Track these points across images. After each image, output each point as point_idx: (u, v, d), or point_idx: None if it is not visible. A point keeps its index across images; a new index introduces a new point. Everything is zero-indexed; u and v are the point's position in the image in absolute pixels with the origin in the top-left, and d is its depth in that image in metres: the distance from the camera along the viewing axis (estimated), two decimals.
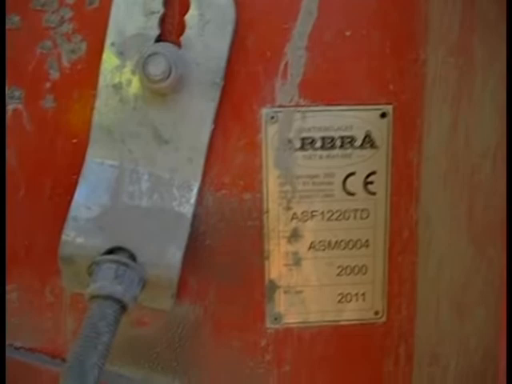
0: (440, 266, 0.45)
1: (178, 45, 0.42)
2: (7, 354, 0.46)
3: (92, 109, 0.44)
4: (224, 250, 0.48)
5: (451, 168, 0.43)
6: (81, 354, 0.38)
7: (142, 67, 0.39)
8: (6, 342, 0.49)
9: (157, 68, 0.39)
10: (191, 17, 0.42)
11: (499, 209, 0.38)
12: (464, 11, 0.40)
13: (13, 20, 0.43)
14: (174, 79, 0.40)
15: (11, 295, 0.47)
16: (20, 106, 0.44)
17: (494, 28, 0.37)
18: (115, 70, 0.43)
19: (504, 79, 0.36)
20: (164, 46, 0.41)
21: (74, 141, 0.44)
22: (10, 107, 0.44)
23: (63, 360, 0.49)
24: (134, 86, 0.43)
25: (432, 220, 0.46)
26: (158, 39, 0.42)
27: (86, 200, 0.44)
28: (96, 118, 0.44)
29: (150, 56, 0.39)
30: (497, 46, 0.37)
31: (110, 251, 0.43)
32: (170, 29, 0.42)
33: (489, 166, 0.41)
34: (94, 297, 0.40)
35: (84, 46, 0.43)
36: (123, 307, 0.41)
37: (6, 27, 0.43)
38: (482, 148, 0.40)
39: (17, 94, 0.44)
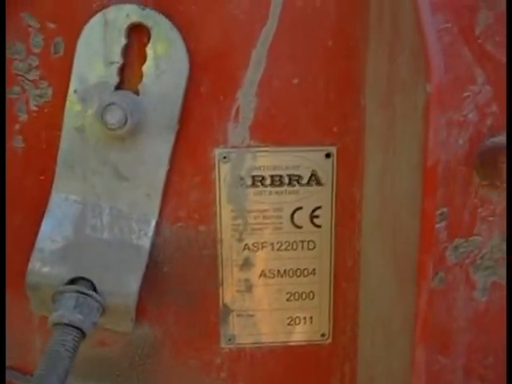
0: (375, 294, 0.49)
1: (136, 92, 0.46)
2: None
3: (57, 148, 0.48)
4: (181, 276, 0.51)
5: (382, 207, 0.47)
6: (42, 376, 0.42)
7: (101, 116, 0.43)
8: None
9: (113, 117, 0.43)
10: (148, 67, 0.46)
11: (415, 251, 0.43)
12: (389, 68, 0.44)
13: None
14: (129, 127, 0.44)
15: None
16: None
17: (410, 87, 0.41)
18: (78, 115, 0.46)
19: (418, 139, 0.39)
20: (122, 95, 0.45)
21: (42, 177, 0.48)
22: None
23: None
24: (95, 129, 0.46)
25: (369, 252, 0.50)
26: (118, 87, 0.46)
27: (51, 233, 0.47)
28: (61, 156, 0.48)
29: (107, 106, 0.43)
30: (411, 105, 0.40)
31: (73, 281, 0.47)
32: (129, 77, 0.46)
33: (406, 214, 0.45)
34: (56, 324, 0.44)
35: (50, 91, 0.47)
36: (82, 333, 0.44)
37: None
38: (401, 197, 0.44)
39: None
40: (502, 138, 0.49)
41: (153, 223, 0.49)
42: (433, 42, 0.36)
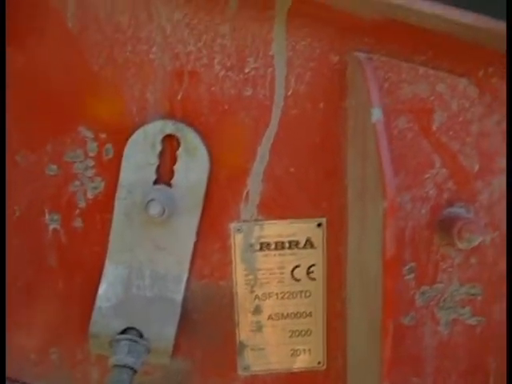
0: (357, 335, 0.62)
1: (169, 185, 0.59)
2: None
3: (109, 228, 0.61)
4: (206, 321, 0.65)
5: (361, 263, 0.60)
6: None
7: (145, 209, 0.56)
8: None
9: (154, 210, 0.56)
10: (178, 167, 0.59)
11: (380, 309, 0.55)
12: (362, 167, 0.57)
13: (51, 168, 0.60)
14: (166, 215, 0.57)
15: (53, 357, 0.65)
16: (58, 227, 0.61)
17: (375, 192, 0.53)
18: (125, 203, 0.60)
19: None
20: (159, 190, 0.58)
21: (97, 249, 0.62)
22: (50, 227, 0.61)
23: None
24: (140, 214, 0.59)
25: (352, 298, 0.63)
26: (155, 182, 0.59)
27: (106, 293, 0.61)
28: (112, 234, 0.61)
29: (149, 201, 0.56)
30: (376, 205, 0.53)
31: (125, 330, 0.60)
32: (164, 174, 0.59)
33: (377, 269, 0.58)
34: (114, 365, 0.58)
35: (103, 184, 0.60)
36: (134, 371, 0.58)
37: (46, 174, 0.59)
38: (374, 257, 0.57)
39: (55, 217, 0.61)
40: (456, 209, 0.63)
41: (184, 281, 0.62)
42: (388, 169, 0.48)
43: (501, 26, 0.55)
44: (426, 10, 0.54)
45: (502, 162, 0.63)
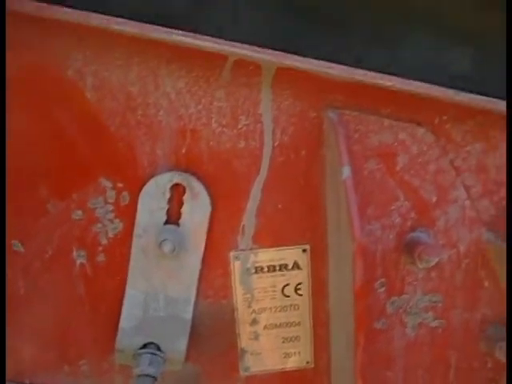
0: (338, 339, 0.75)
1: (177, 224, 0.70)
2: None
3: (128, 260, 0.72)
4: (212, 333, 0.77)
5: (339, 281, 0.71)
6: None
7: (159, 247, 0.67)
8: None
9: (167, 248, 0.67)
10: (184, 209, 0.70)
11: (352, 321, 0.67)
12: (338, 210, 0.68)
13: (77, 213, 0.70)
14: (176, 251, 0.68)
15: (83, 367, 0.76)
16: (84, 261, 0.72)
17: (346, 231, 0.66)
18: (141, 240, 0.71)
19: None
20: (170, 230, 0.69)
21: (118, 278, 0.73)
22: (78, 262, 0.72)
23: None
24: (154, 250, 0.70)
25: (333, 308, 0.75)
26: (166, 222, 0.70)
27: (128, 315, 0.72)
28: (131, 265, 0.72)
29: (162, 241, 0.67)
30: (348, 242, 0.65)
31: (145, 345, 0.72)
32: (173, 216, 0.70)
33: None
34: (138, 375, 0.69)
35: (121, 225, 0.71)
36: (155, 379, 0.70)
37: (73, 218, 0.70)
38: (348, 286, 0.69)
39: (82, 253, 0.72)
40: (418, 234, 0.74)
41: (192, 303, 0.74)
42: (356, 218, 0.59)
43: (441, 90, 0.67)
44: (386, 84, 0.65)
45: (455, 194, 0.75)
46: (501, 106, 0.70)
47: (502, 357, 0.78)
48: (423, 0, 0.72)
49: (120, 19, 0.62)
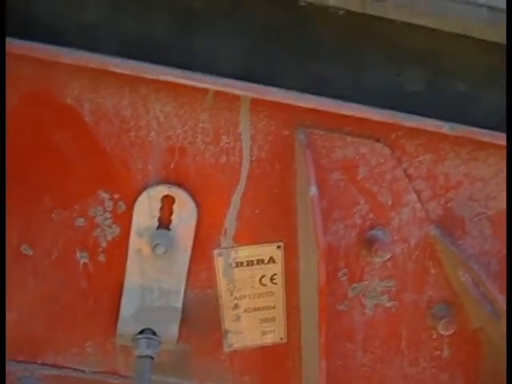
0: (307, 320, 0.88)
1: (168, 229, 0.80)
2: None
3: (125, 259, 0.82)
4: (200, 317, 0.89)
5: (307, 271, 0.83)
6: (140, 380, 0.80)
7: (152, 250, 0.77)
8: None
9: (159, 250, 0.78)
10: (174, 216, 0.80)
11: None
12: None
13: (79, 221, 0.80)
14: (168, 253, 0.78)
15: (89, 349, 0.88)
16: (87, 261, 0.82)
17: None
18: (137, 242, 0.81)
19: None
20: (162, 234, 0.80)
21: (117, 274, 0.83)
22: (81, 261, 0.82)
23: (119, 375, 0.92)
24: (147, 251, 0.81)
25: (303, 294, 0.87)
26: (158, 227, 0.80)
27: (127, 306, 0.84)
28: (128, 263, 0.83)
29: (155, 245, 0.77)
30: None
31: (142, 331, 0.84)
32: (164, 222, 0.80)
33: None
34: (138, 356, 0.82)
35: (118, 229, 0.81)
36: (152, 359, 0.82)
37: (76, 225, 0.79)
38: (314, 278, 0.80)
39: (84, 254, 0.82)
40: (376, 231, 0.86)
41: (182, 293, 0.85)
42: (320, 230, 0.70)
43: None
44: (347, 113, 0.75)
45: (408, 198, 0.86)
46: (445, 127, 0.81)
47: (443, 331, 0.93)
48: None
49: (115, 60, 0.70)
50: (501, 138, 0.80)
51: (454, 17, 0.68)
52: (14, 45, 0.68)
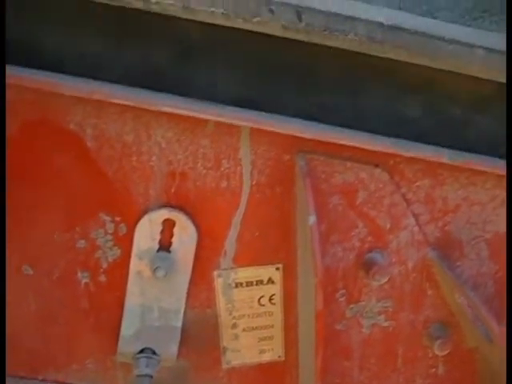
0: (304, 339, 0.89)
1: (169, 252, 0.81)
2: None
3: (126, 280, 0.83)
4: (199, 335, 0.90)
5: (306, 292, 0.84)
6: None
7: (153, 273, 0.78)
8: None
9: (160, 273, 0.79)
10: (175, 239, 0.81)
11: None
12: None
13: (81, 242, 0.81)
14: (167, 275, 0.79)
15: (89, 366, 0.89)
16: (88, 281, 0.83)
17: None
18: (137, 264, 0.82)
19: None
20: (163, 257, 0.80)
21: (118, 294, 0.84)
22: (83, 281, 0.83)
23: None
24: (148, 272, 0.82)
25: (301, 314, 0.88)
26: (158, 250, 0.81)
27: (128, 326, 0.85)
28: (129, 284, 0.84)
29: (156, 268, 0.78)
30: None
31: (142, 350, 0.85)
32: (164, 244, 0.81)
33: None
34: (138, 376, 0.83)
35: (119, 251, 0.82)
36: (152, 377, 0.84)
37: (77, 246, 0.80)
38: (312, 299, 0.82)
39: (85, 274, 0.83)
40: (374, 254, 0.87)
41: (182, 312, 0.86)
42: (319, 258, 0.71)
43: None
44: (345, 143, 0.76)
45: (406, 221, 0.87)
46: (445, 156, 0.81)
47: (438, 352, 0.95)
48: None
49: (117, 91, 0.71)
50: (499, 167, 0.81)
51: (451, 58, 0.69)
52: (16, 75, 0.68)
